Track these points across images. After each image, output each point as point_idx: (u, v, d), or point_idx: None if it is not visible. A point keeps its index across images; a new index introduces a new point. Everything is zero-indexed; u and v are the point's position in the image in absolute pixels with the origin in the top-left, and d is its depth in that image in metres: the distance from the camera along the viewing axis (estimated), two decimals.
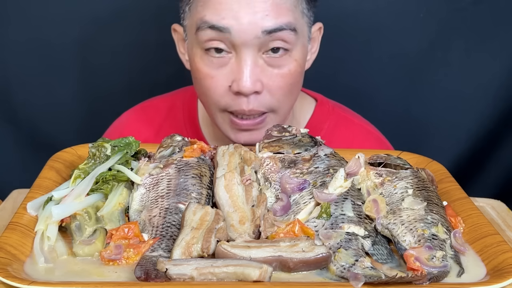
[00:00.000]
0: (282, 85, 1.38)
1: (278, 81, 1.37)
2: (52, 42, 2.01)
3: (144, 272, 0.92)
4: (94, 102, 2.11)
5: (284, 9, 1.33)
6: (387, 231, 1.07)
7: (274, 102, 1.40)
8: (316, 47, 1.51)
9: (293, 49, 1.37)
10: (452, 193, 1.21)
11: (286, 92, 1.40)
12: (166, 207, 1.08)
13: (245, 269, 0.91)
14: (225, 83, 1.37)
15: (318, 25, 1.49)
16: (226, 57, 1.36)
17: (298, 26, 1.37)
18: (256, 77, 1.35)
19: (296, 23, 1.36)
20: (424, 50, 2.04)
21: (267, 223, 1.05)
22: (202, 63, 1.39)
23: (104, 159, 1.18)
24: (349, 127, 1.63)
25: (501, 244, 1.03)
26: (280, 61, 1.36)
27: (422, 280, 0.93)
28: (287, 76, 1.37)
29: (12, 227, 1.02)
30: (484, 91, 2.08)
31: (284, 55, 1.36)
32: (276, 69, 1.37)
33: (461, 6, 1.98)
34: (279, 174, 1.16)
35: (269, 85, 1.37)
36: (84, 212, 1.06)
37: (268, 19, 1.31)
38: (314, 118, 1.61)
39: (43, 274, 0.95)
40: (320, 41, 1.52)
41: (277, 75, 1.37)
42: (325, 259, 0.96)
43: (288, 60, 1.37)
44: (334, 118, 1.62)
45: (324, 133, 1.57)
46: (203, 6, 1.35)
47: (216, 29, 1.33)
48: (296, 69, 1.38)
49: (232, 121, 1.42)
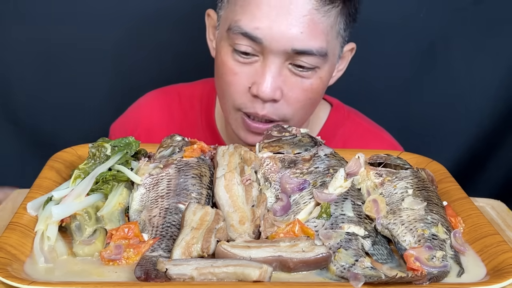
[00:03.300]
0: (301, 98, 1.37)
1: (298, 93, 1.36)
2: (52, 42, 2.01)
3: (144, 272, 0.92)
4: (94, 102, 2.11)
5: (320, 30, 1.31)
6: (387, 231, 1.07)
7: (289, 113, 1.39)
8: (344, 65, 1.50)
9: (321, 67, 1.36)
10: (452, 193, 1.21)
11: (304, 105, 1.39)
12: (166, 207, 1.08)
13: (245, 269, 0.91)
14: (246, 83, 1.37)
15: (350, 46, 1.48)
16: (253, 59, 1.36)
17: (330, 48, 1.35)
18: (277, 85, 1.34)
19: (328, 47, 1.34)
20: (424, 50, 2.04)
21: (267, 223, 1.05)
22: (228, 57, 1.38)
23: (104, 159, 1.18)
24: (364, 134, 1.62)
25: (501, 244, 1.03)
26: (304, 75, 1.35)
27: (422, 280, 0.93)
28: (308, 90, 1.37)
29: (12, 227, 1.02)
30: (484, 91, 2.08)
31: (310, 70, 1.35)
32: (299, 80, 1.35)
33: (461, 6, 1.98)
34: (279, 174, 1.16)
35: (288, 95, 1.36)
36: (84, 212, 1.06)
37: (301, 39, 1.29)
38: (328, 123, 1.60)
39: (43, 274, 0.95)
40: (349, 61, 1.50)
41: (298, 87, 1.36)
42: (325, 259, 0.96)
43: (312, 76, 1.36)
44: (349, 124, 1.61)
45: (339, 139, 1.56)
46: (241, 9, 1.32)
47: (248, 37, 1.32)
48: (318, 86, 1.37)
49: (244, 121, 1.42)
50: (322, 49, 1.32)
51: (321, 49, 1.32)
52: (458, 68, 2.05)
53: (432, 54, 2.04)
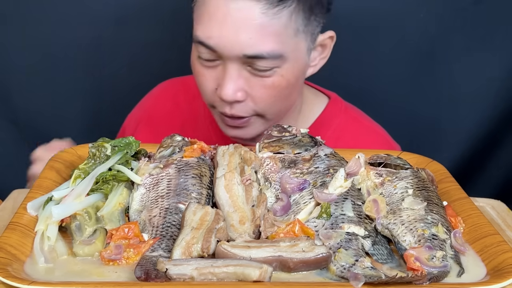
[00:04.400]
0: (265, 96, 1.38)
1: (261, 92, 1.37)
2: (53, 42, 2.01)
3: (144, 272, 0.92)
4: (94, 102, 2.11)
5: (269, 34, 1.31)
6: (387, 231, 1.07)
7: (259, 109, 1.41)
8: (327, 53, 1.49)
9: (280, 66, 1.36)
10: (452, 193, 1.21)
11: (270, 102, 1.40)
12: (166, 207, 1.08)
13: (245, 269, 0.91)
14: (212, 85, 1.40)
15: (328, 34, 1.47)
16: (215, 63, 1.38)
17: (287, 48, 1.34)
18: (238, 87, 1.36)
19: (282, 48, 1.33)
20: (424, 50, 2.03)
21: (267, 223, 1.05)
22: (196, 61, 1.41)
23: (104, 159, 1.18)
24: (358, 127, 1.63)
25: (501, 244, 1.03)
26: (264, 74, 1.36)
27: (422, 280, 0.93)
28: (271, 88, 1.37)
29: (12, 227, 1.02)
30: (484, 91, 2.08)
31: (267, 71, 1.35)
32: (260, 80, 1.36)
33: (461, 6, 1.98)
34: (279, 174, 1.16)
35: (252, 94, 1.38)
36: (84, 212, 1.06)
37: (250, 44, 1.30)
38: (324, 115, 1.61)
39: (43, 274, 0.95)
40: (332, 48, 1.49)
41: (260, 86, 1.37)
42: (325, 259, 0.96)
43: (272, 75, 1.36)
44: (344, 117, 1.61)
45: (333, 130, 1.57)
46: (197, 19, 1.36)
47: (203, 45, 1.35)
48: (280, 83, 1.37)
49: (221, 117, 1.45)
50: (274, 52, 1.32)
51: (273, 52, 1.32)
52: (458, 68, 2.05)
53: (432, 54, 2.04)
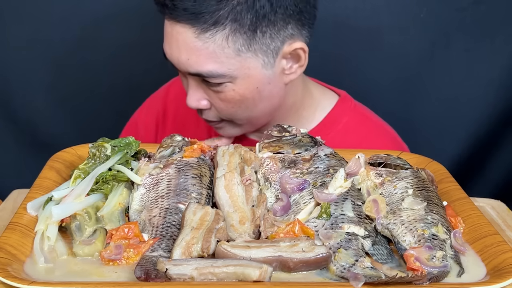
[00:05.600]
0: (223, 107, 1.40)
1: (219, 103, 1.40)
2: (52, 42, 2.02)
3: (144, 272, 0.92)
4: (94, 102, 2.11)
5: (204, 56, 1.32)
6: (387, 231, 1.07)
7: (226, 115, 1.43)
8: (302, 62, 1.42)
9: (232, 82, 1.35)
10: (452, 193, 1.21)
11: (232, 112, 1.41)
12: (166, 207, 1.08)
13: (245, 269, 0.91)
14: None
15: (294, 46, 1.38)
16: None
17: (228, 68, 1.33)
18: (199, 97, 1.40)
19: (222, 68, 1.32)
20: (424, 50, 2.04)
21: (267, 223, 1.05)
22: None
23: (104, 159, 1.18)
24: (367, 126, 1.62)
25: (501, 244, 1.03)
26: (217, 89, 1.37)
27: (422, 280, 0.93)
28: (226, 101, 1.39)
29: (12, 227, 1.02)
30: (484, 91, 2.08)
31: (221, 84, 1.36)
32: (215, 93, 1.38)
33: (461, 6, 1.98)
34: (279, 174, 1.16)
35: (214, 104, 1.41)
36: (84, 212, 1.06)
37: (189, 64, 1.33)
38: (333, 112, 1.60)
39: (43, 274, 0.95)
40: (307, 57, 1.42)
41: (217, 98, 1.39)
42: (325, 259, 0.96)
43: (224, 89, 1.37)
44: (353, 115, 1.61)
45: (341, 128, 1.57)
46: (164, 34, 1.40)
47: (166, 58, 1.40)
48: (233, 97, 1.38)
49: None
50: (212, 72, 1.33)
51: (211, 72, 1.33)
52: (458, 68, 2.05)
53: (432, 54, 2.04)
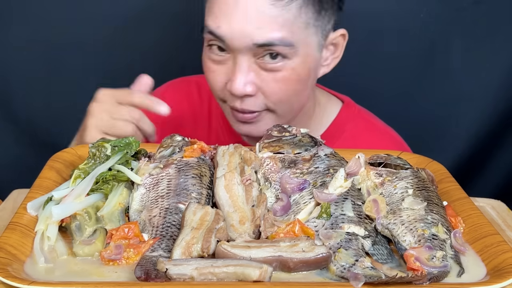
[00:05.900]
0: (277, 90, 1.38)
1: (272, 86, 1.38)
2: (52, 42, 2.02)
3: (144, 272, 0.92)
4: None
5: (279, 23, 1.31)
6: (387, 231, 1.06)
7: (269, 104, 1.41)
8: (339, 52, 1.49)
9: (291, 58, 1.36)
10: (452, 193, 1.21)
11: (282, 97, 1.40)
12: (166, 207, 1.08)
13: (245, 269, 0.91)
14: (223, 80, 1.41)
15: (339, 32, 1.46)
16: (226, 56, 1.39)
17: (297, 39, 1.35)
18: (248, 81, 1.37)
19: (293, 37, 1.34)
20: (424, 50, 2.04)
21: (267, 223, 1.05)
22: (206, 57, 1.43)
23: (104, 159, 1.18)
24: (372, 131, 1.63)
25: (501, 244, 1.03)
26: (275, 67, 1.36)
27: (422, 280, 0.93)
28: (281, 82, 1.37)
29: (12, 227, 1.02)
30: (484, 91, 2.08)
31: (280, 62, 1.36)
32: (271, 74, 1.37)
33: (461, 6, 1.98)
34: (279, 174, 1.16)
35: (263, 89, 1.38)
36: (84, 212, 1.06)
37: (259, 33, 1.31)
38: (338, 119, 1.61)
39: (43, 274, 0.95)
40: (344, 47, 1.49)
41: (271, 80, 1.37)
42: (325, 259, 0.96)
43: (283, 68, 1.36)
44: (358, 121, 1.62)
45: (347, 135, 1.57)
46: (208, 9, 1.38)
47: (214, 35, 1.36)
48: (291, 77, 1.37)
49: (232, 112, 1.46)
50: (285, 40, 1.32)
51: (284, 39, 1.32)
52: (458, 68, 2.05)
53: (432, 54, 2.04)
